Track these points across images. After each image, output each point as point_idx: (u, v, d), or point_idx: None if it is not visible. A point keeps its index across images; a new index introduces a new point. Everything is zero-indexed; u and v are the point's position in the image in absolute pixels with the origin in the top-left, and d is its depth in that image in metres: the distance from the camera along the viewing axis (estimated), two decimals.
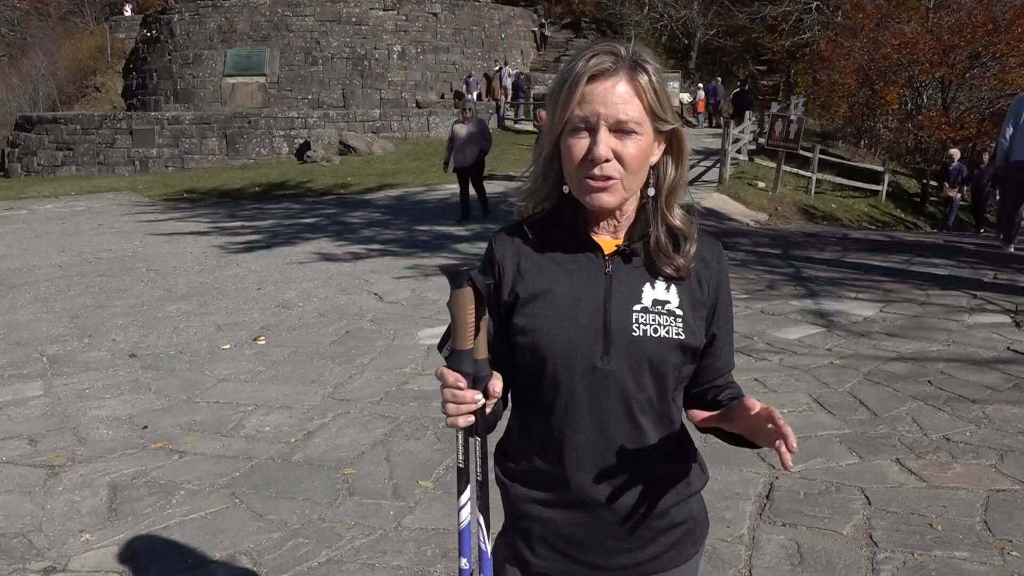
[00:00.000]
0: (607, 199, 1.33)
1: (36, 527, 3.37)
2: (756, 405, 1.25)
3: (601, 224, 1.40)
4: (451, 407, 1.25)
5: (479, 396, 1.26)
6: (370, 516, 3.40)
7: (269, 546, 3.18)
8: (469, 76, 27.02)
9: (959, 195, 15.57)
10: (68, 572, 3.04)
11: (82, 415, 4.64)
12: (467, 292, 1.25)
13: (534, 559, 1.45)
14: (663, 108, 1.33)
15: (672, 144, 1.39)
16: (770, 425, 1.22)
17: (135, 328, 6.49)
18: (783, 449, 1.19)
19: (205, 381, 5.19)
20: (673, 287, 1.39)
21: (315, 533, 3.27)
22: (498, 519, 1.56)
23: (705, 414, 1.36)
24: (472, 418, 1.27)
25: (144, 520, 3.40)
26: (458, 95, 12.79)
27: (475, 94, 25.93)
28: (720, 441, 1.45)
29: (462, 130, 11.57)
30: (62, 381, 5.24)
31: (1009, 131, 8.40)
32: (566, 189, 1.39)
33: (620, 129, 1.30)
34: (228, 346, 5.94)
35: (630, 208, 1.39)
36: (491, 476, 1.38)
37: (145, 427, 4.44)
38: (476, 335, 1.27)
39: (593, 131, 1.30)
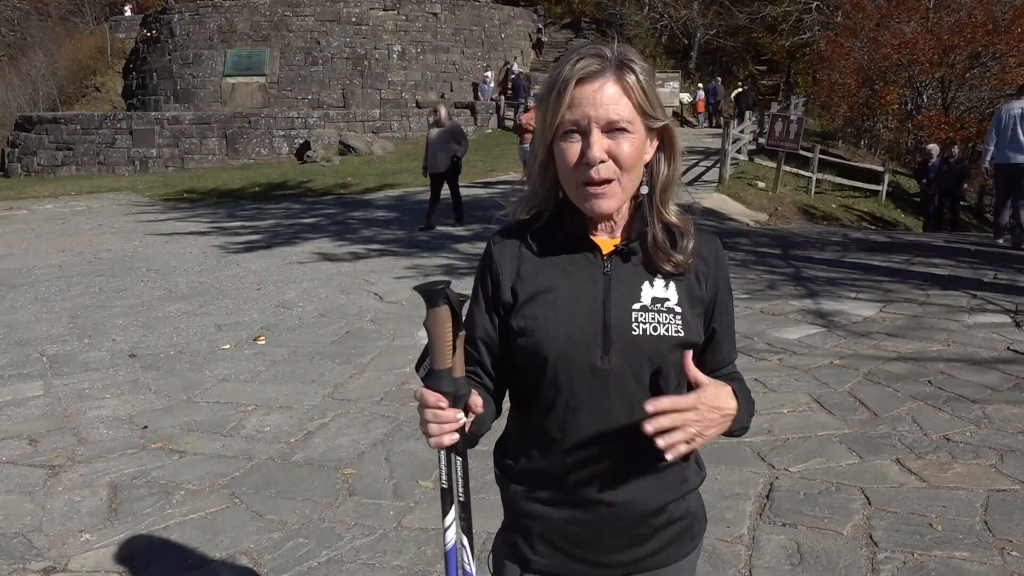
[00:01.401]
0: (606, 205, 1.34)
1: (36, 527, 3.37)
2: (701, 379, 1.31)
3: (599, 225, 1.41)
4: (433, 427, 1.27)
5: (461, 415, 1.27)
6: (370, 516, 3.40)
7: (269, 546, 3.18)
8: (484, 81, 26.98)
9: (931, 191, 14.90)
10: (68, 572, 3.04)
11: (82, 415, 4.64)
12: (444, 311, 1.25)
13: (533, 556, 1.46)
14: (652, 106, 1.34)
15: (664, 141, 1.40)
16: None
17: (135, 328, 6.49)
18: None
19: (205, 381, 5.19)
20: (672, 284, 1.40)
21: (315, 533, 3.27)
22: (498, 517, 1.56)
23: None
24: (455, 437, 1.28)
25: (144, 520, 3.40)
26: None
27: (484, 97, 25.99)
28: (720, 440, 1.45)
29: (435, 135, 11.06)
30: (62, 381, 5.24)
31: (993, 138, 9.32)
32: (562, 195, 1.41)
33: (612, 129, 1.31)
34: (228, 346, 5.94)
35: (626, 208, 1.40)
36: (490, 476, 1.38)
37: (145, 427, 4.44)
38: (454, 353, 1.27)
39: (585, 134, 1.31)
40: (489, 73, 27.26)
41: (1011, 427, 4.14)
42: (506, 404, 1.53)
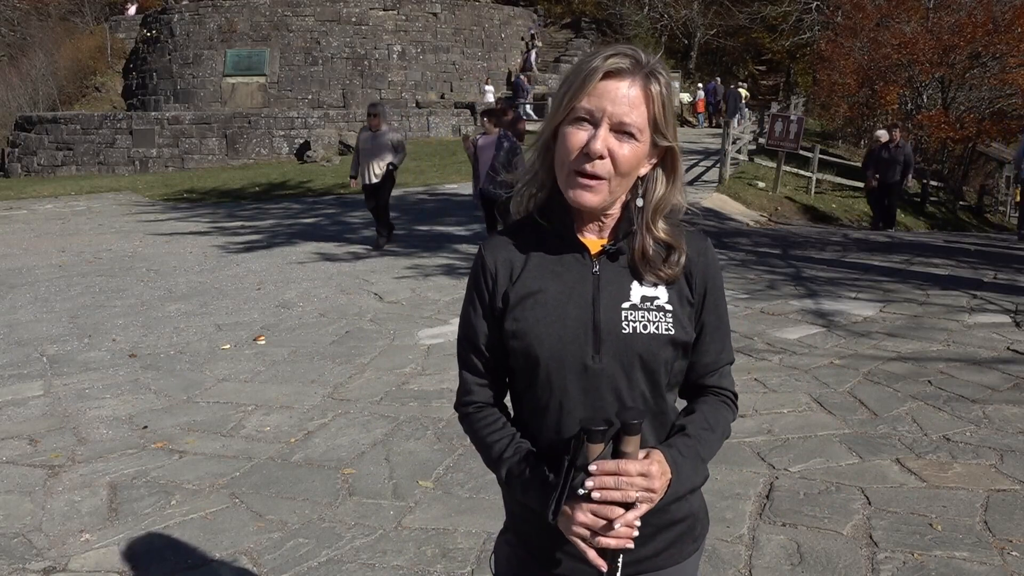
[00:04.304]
0: (590, 198, 1.34)
1: (36, 527, 3.37)
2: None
3: (587, 224, 1.42)
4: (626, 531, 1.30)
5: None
6: (370, 516, 3.40)
7: (269, 546, 3.18)
8: (482, 93, 26.91)
9: (874, 181, 12.97)
10: (68, 572, 3.04)
11: (82, 415, 4.64)
12: (639, 438, 1.28)
13: (534, 556, 1.46)
14: (666, 123, 1.35)
15: (666, 161, 1.41)
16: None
17: (135, 328, 6.48)
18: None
19: (205, 381, 5.19)
20: (661, 283, 1.41)
21: (315, 533, 3.27)
22: (499, 517, 1.56)
23: None
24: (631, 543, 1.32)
25: (144, 520, 3.40)
26: (504, 103, 9.40)
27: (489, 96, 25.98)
28: None
29: (367, 140, 9.50)
30: (62, 381, 5.24)
31: None
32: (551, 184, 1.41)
33: (620, 130, 1.31)
34: (228, 346, 5.94)
35: (615, 208, 1.41)
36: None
37: (145, 427, 4.44)
38: None
39: (595, 126, 1.32)
40: (489, 87, 27.22)
41: (1011, 427, 4.14)
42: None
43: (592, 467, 1.26)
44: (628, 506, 1.27)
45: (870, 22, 21.51)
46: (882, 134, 13.20)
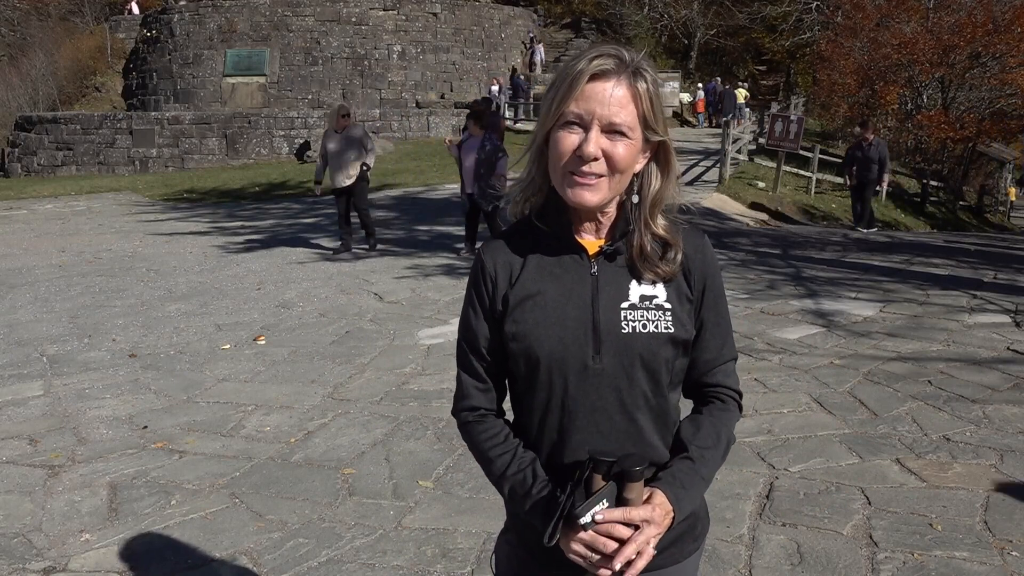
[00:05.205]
0: (589, 197, 1.34)
1: (36, 527, 3.37)
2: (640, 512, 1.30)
3: (585, 224, 1.42)
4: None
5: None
6: (370, 516, 3.40)
7: (269, 546, 3.18)
8: (490, 94, 26.82)
9: (850, 180, 12.63)
10: (68, 572, 3.04)
11: (82, 415, 4.64)
12: (642, 483, 1.31)
13: (535, 556, 1.45)
14: (655, 118, 1.36)
15: (659, 156, 1.41)
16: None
17: (135, 328, 6.48)
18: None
19: (205, 381, 5.19)
20: (660, 281, 1.41)
21: (315, 533, 3.27)
22: (499, 517, 1.56)
23: None
24: None
25: (144, 520, 3.40)
26: (485, 101, 9.24)
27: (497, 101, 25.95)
28: None
29: (335, 142, 9.09)
30: (62, 381, 5.24)
31: None
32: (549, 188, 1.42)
33: (612, 131, 1.32)
34: (228, 346, 5.94)
35: (611, 208, 1.41)
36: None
37: (145, 427, 4.44)
38: None
39: (586, 129, 1.32)
40: (495, 87, 27.19)
41: (1011, 427, 4.14)
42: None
43: (598, 517, 1.27)
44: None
45: (870, 22, 21.51)
46: (859, 131, 13.07)
